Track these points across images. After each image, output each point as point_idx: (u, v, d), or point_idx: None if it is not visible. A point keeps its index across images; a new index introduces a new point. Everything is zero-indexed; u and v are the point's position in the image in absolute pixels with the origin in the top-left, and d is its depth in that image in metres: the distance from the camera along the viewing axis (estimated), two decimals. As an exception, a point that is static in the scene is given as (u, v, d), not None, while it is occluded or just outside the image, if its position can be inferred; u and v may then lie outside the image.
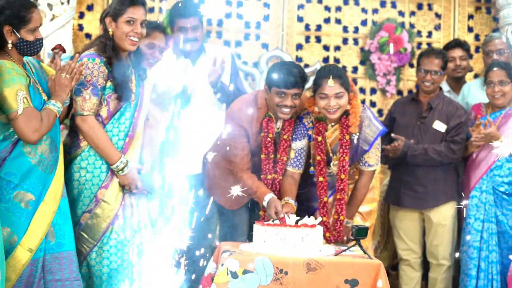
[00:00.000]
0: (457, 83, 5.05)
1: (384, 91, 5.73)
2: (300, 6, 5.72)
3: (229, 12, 5.63)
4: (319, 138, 3.82)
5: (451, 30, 5.78)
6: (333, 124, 3.85)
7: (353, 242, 3.46)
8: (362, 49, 5.75)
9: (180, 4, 4.28)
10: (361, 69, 5.77)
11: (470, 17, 5.83)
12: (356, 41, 5.78)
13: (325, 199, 3.84)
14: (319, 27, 5.74)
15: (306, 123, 3.90)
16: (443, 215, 4.52)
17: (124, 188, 3.47)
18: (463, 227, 4.44)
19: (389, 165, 4.86)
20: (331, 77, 3.68)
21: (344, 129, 3.78)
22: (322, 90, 3.70)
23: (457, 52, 4.98)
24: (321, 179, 3.84)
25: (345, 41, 5.77)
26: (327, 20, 5.75)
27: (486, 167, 4.37)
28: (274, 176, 3.90)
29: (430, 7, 5.83)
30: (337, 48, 5.75)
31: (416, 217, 4.61)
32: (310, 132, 3.89)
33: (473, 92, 4.81)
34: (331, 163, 3.88)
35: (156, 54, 3.94)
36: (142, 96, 3.61)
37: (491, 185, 4.34)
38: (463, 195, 4.48)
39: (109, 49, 3.46)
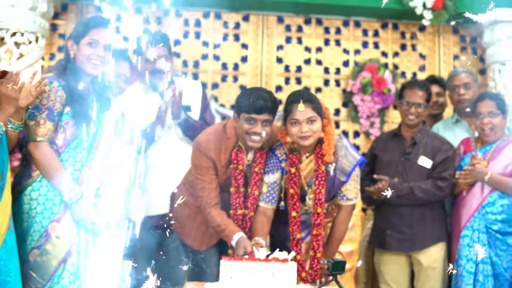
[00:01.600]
0: (434, 120, 4.83)
1: (367, 134, 5.49)
2: (280, 47, 5.56)
3: (206, 54, 5.45)
4: (293, 170, 3.55)
5: (436, 70, 5.60)
6: (307, 155, 3.58)
7: (330, 278, 3.14)
8: (344, 90, 5.54)
9: (148, 34, 4.13)
10: (343, 111, 5.55)
11: (456, 57, 5.66)
12: (338, 83, 5.59)
13: (298, 235, 3.55)
14: (299, 68, 5.57)
15: (279, 155, 3.64)
16: (433, 257, 4.22)
17: (79, 222, 3.21)
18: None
19: (374, 208, 4.55)
20: (301, 101, 3.44)
21: (319, 159, 3.52)
22: (293, 116, 3.46)
23: (434, 89, 4.77)
24: (294, 214, 3.55)
25: (326, 82, 5.58)
26: (307, 61, 5.58)
27: (477, 204, 4.10)
28: (245, 211, 3.62)
29: (414, 47, 5.67)
30: (318, 89, 5.55)
31: (403, 261, 4.31)
32: (283, 165, 3.62)
33: (442, 133, 4.56)
34: (307, 197, 3.59)
35: (120, 83, 3.76)
36: (103, 126, 3.39)
37: (484, 223, 4.05)
38: (453, 235, 4.18)
39: (69, 72, 3.30)
